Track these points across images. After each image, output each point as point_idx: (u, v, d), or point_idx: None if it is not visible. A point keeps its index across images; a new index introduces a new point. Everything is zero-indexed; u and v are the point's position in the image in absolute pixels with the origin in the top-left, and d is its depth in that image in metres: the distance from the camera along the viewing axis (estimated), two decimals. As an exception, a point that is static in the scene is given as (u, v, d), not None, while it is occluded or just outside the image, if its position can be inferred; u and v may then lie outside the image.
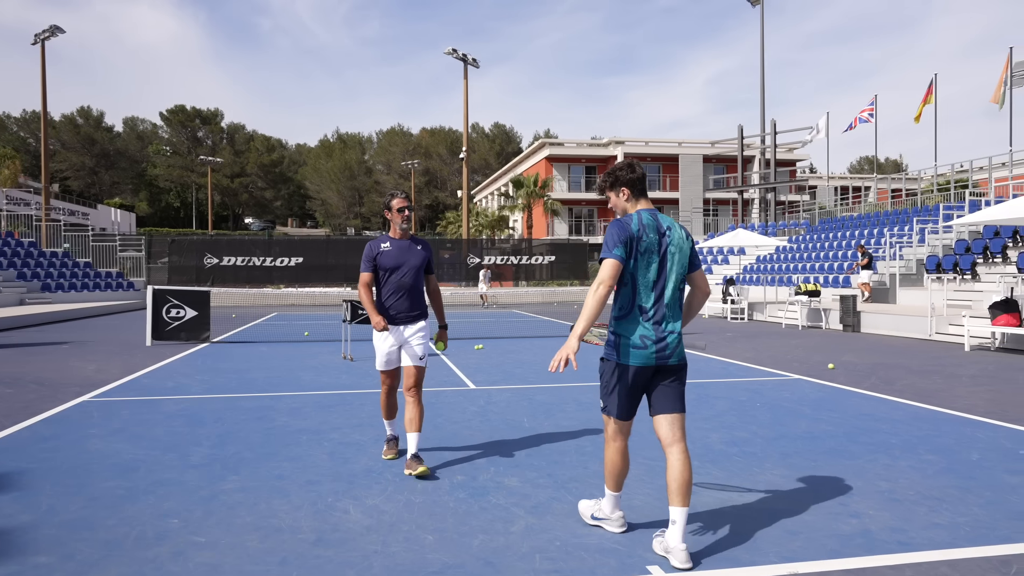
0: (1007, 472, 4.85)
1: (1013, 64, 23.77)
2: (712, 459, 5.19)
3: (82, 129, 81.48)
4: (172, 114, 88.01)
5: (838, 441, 5.76)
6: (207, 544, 3.57)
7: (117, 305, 25.25)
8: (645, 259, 3.41)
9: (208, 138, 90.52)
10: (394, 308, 4.93)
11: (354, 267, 34.04)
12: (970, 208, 21.81)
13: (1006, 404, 7.34)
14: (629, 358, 3.44)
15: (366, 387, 8.52)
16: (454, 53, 36.62)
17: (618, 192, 3.59)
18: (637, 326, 3.44)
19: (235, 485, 4.57)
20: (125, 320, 20.57)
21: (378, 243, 5.02)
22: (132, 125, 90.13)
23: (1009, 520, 3.90)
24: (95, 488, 4.50)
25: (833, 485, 4.56)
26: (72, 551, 3.48)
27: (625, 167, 3.58)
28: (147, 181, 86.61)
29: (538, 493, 4.43)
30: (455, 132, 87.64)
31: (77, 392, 8.07)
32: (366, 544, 3.59)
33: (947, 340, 13.89)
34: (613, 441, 3.62)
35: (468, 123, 39.96)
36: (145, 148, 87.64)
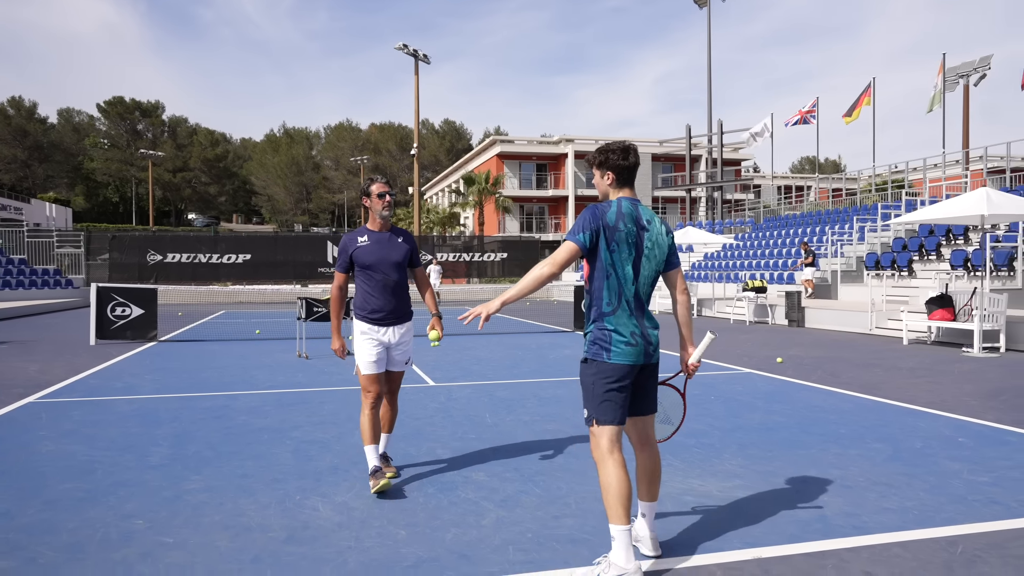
0: (948, 458, 5.10)
1: (946, 70, 24.80)
2: (672, 451, 5.32)
3: (13, 120, 78.14)
4: (110, 106, 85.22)
5: (791, 432, 5.97)
6: (176, 544, 3.53)
7: (55, 303, 24.35)
8: (623, 250, 3.21)
9: (149, 131, 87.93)
10: (377, 309, 4.46)
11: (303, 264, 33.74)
12: (906, 207, 22.70)
13: (944, 395, 7.70)
14: (622, 356, 3.18)
15: (324, 385, 8.45)
16: (405, 48, 36.38)
17: (604, 174, 3.37)
18: (627, 321, 3.20)
19: (199, 485, 4.51)
20: (65, 319, 19.86)
21: (354, 237, 4.51)
22: (67, 117, 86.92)
23: (953, 503, 4.12)
24: (52, 491, 4.38)
25: (789, 474, 4.74)
26: (34, 555, 3.40)
27: (619, 150, 3.34)
28: (84, 175, 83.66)
29: (506, 487, 4.48)
30: (405, 128, 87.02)
31: (21, 393, 7.80)
32: (339, 540, 3.59)
33: (886, 334, 14.44)
34: (611, 455, 3.14)
35: (419, 119, 39.75)
36: (81, 141, 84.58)
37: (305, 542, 3.57)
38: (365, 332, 4.49)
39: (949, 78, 26.17)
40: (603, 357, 3.20)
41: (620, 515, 3.04)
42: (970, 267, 16.54)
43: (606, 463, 3.13)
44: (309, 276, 31.08)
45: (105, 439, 5.73)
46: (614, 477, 3.09)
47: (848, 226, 23.60)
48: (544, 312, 23.01)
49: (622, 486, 3.07)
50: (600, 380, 3.20)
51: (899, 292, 17.14)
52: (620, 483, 3.07)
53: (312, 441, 5.67)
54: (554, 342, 13.52)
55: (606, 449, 3.15)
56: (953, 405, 7.10)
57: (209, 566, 3.27)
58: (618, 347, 3.18)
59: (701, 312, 21.71)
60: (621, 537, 3.03)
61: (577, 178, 49.06)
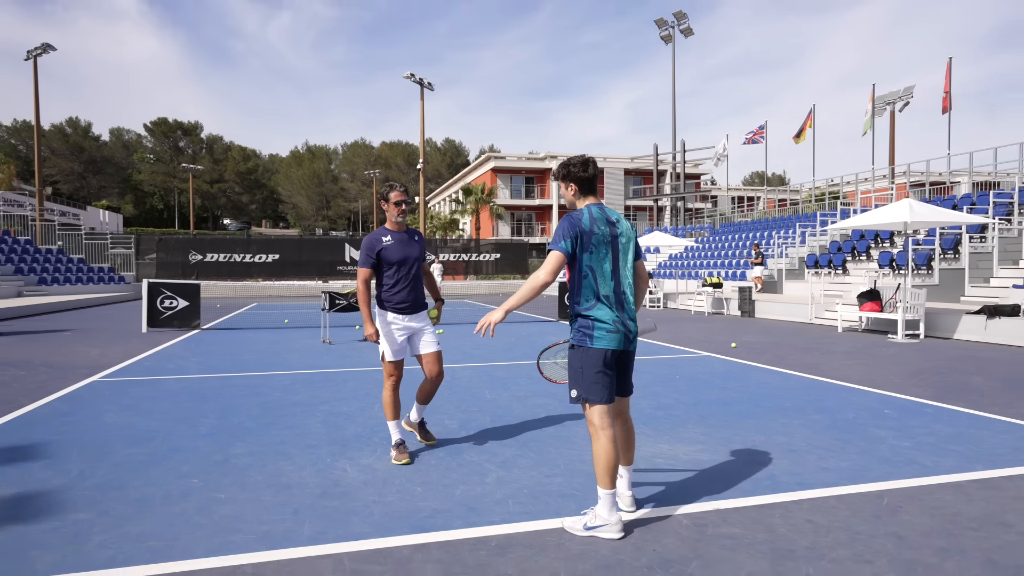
0: (876, 427, 5.21)
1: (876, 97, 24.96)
2: (644, 421, 5.40)
3: (71, 138, 77.44)
4: (155, 126, 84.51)
5: (744, 406, 6.06)
6: (227, 500, 3.59)
7: (109, 297, 24.21)
8: (600, 250, 3.17)
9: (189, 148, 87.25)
10: (403, 300, 4.41)
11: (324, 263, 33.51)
12: (841, 215, 22.86)
13: (872, 374, 7.82)
14: (604, 342, 3.15)
15: (346, 366, 8.50)
16: (412, 77, 36.26)
17: (568, 185, 3.31)
18: (606, 312, 3.17)
19: (243, 450, 4.56)
20: (118, 310, 19.76)
21: (379, 237, 4.42)
22: (118, 135, 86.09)
23: (880, 464, 4.22)
24: (117, 455, 4.42)
25: (743, 440, 4.83)
26: (107, 508, 3.45)
27: (579, 164, 3.28)
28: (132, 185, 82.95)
29: (504, 451, 4.55)
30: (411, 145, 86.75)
31: (86, 373, 7.80)
32: (365, 495, 3.66)
33: (824, 323, 14.58)
34: (602, 431, 3.13)
35: (424, 138, 39.66)
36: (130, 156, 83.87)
37: (337, 497, 3.63)
38: (392, 322, 4.40)
39: (878, 104, 26.34)
40: (587, 343, 3.16)
41: (607, 481, 3.09)
42: (895, 266, 16.71)
43: (598, 437, 3.12)
44: (329, 273, 30.94)
45: (160, 412, 5.77)
46: (604, 450, 3.10)
47: (792, 231, 23.76)
48: (532, 304, 23.07)
49: (610, 458, 3.09)
50: (587, 364, 3.17)
51: (835, 287, 17.31)
52: (609, 455, 3.09)
53: (338, 414, 5.72)
54: (542, 330, 13.59)
55: (598, 425, 3.14)
56: (880, 383, 7.22)
57: (257, 517, 3.33)
58: (600, 333, 3.15)
59: (667, 304, 21.83)
60: (606, 498, 3.09)
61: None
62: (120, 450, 4.54)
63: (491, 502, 3.55)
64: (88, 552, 2.92)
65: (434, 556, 2.89)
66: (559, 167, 3.34)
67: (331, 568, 2.77)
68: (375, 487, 3.80)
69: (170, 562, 2.82)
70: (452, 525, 3.23)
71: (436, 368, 4.54)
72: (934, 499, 3.57)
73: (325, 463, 4.26)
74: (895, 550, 2.93)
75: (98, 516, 3.34)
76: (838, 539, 3.05)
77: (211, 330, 13.39)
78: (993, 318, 10.99)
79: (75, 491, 3.71)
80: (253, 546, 2.98)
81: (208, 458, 4.36)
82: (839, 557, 2.86)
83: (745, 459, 4.33)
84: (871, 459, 4.32)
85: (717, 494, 3.65)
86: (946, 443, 4.70)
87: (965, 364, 8.57)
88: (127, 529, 3.17)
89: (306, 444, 4.72)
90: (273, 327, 14.14)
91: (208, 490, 3.73)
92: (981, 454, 4.42)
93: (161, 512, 3.39)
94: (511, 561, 2.83)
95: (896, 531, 3.14)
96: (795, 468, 4.13)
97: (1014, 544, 3.00)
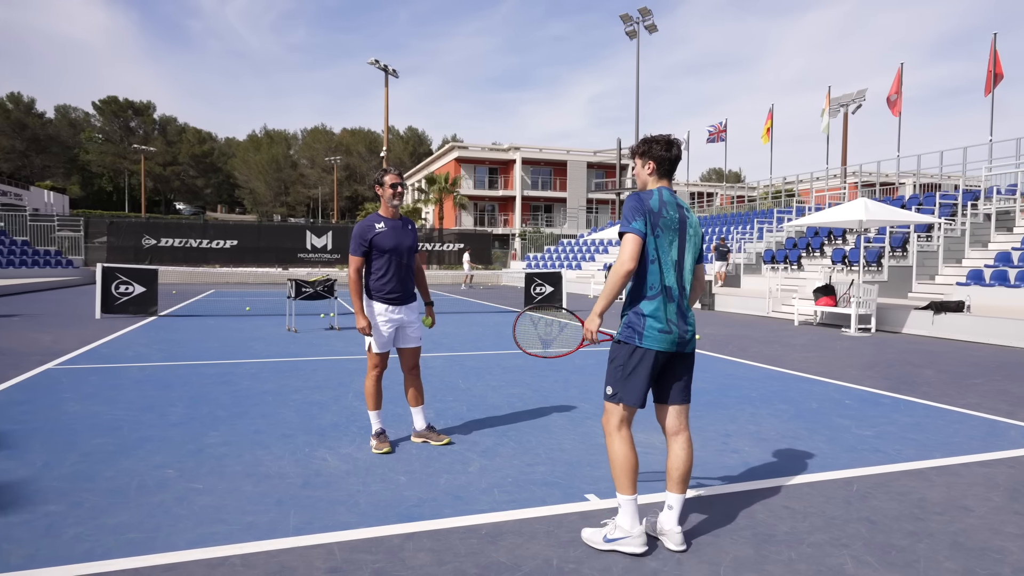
0: (839, 416, 5.40)
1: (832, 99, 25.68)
2: (619, 411, 5.46)
3: (12, 114, 73.61)
4: (105, 104, 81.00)
5: (713, 396, 6.20)
6: (206, 490, 3.50)
7: (57, 281, 23.21)
8: (667, 236, 2.86)
9: (141, 128, 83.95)
10: (393, 291, 4.23)
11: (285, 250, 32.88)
12: (796, 213, 23.52)
13: (830, 366, 8.09)
14: (655, 342, 2.83)
15: (314, 355, 8.35)
16: (376, 63, 35.69)
17: (645, 163, 2.97)
18: (664, 307, 2.84)
19: (218, 440, 4.45)
20: (68, 295, 18.98)
21: (371, 223, 4.22)
22: (64, 112, 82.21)
23: (846, 452, 4.38)
24: (85, 445, 4.26)
25: (715, 429, 4.94)
26: (79, 500, 3.32)
27: (664, 143, 2.95)
28: (79, 166, 79.47)
29: (484, 440, 4.55)
30: (373, 133, 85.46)
31: (40, 360, 7.48)
32: (349, 485, 3.61)
33: (781, 317, 15.00)
34: (619, 432, 2.89)
35: (388, 126, 39.12)
36: (77, 135, 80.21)
37: (320, 487, 3.58)
38: (381, 313, 4.23)
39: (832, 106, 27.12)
40: (635, 341, 2.85)
41: (625, 486, 2.84)
42: (847, 262, 17.29)
43: (612, 438, 2.89)
44: (290, 261, 30.38)
45: (125, 401, 5.57)
46: (620, 452, 2.86)
47: (750, 227, 24.33)
48: (497, 296, 23.09)
49: (628, 460, 2.85)
50: (629, 362, 2.87)
51: (791, 282, 17.81)
52: (626, 458, 2.85)
53: (312, 403, 5.63)
54: (509, 321, 13.61)
55: (615, 426, 2.90)
56: (838, 374, 7.47)
57: (239, 507, 3.26)
58: (651, 333, 2.83)
59: (628, 297, 22.09)
60: (627, 505, 2.82)
61: (524, 180, 49.11)
62: (87, 440, 4.38)
63: (476, 491, 3.55)
64: (63, 545, 2.81)
65: (425, 544, 2.88)
66: (640, 142, 3.01)
67: (322, 557, 2.73)
68: (358, 476, 3.75)
69: (153, 554, 2.73)
70: (440, 514, 3.22)
71: (413, 362, 4.45)
72: (900, 485, 3.72)
73: (304, 452, 4.19)
74: (868, 534, 3.05)
75: (70, 508, 3.21)
76: (815, 524, 3.16)
77: (169, 317, 12.99)
78: (939, 313, 11.49)
79: (43, 482, 3.56)
80: (239, 537, 2.91)
81: (182, 448, 4.24)
82: (817, 541, 2.96)
83: (718, 447, 4.43)
84: (837, 447, 4.48)
85: (695, 482, 3.72)
86: (906, 432, 4.90)
87: (915, 357, 8.94)
88: (103, 521, 3.06)
89: (281, 433, 4.63)
90: (234, 314, 13.79)
91: (185, 480, 3.63)
92: (939, 442, 4.63)
93: (137, 503, 3.29)
94: (503, 549, 2.84)
95: (868, 516, 3.27)
96: (767, 456, 4.25)
97: (976, 527, 3.15)
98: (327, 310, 13.96)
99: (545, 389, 6.33)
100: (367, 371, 4.36)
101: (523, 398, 5.94)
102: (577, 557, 2.78)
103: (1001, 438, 4.77)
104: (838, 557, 2.81)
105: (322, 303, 15.08)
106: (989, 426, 5.13)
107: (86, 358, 7.77)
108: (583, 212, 48.45)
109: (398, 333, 4.37)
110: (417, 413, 4.49)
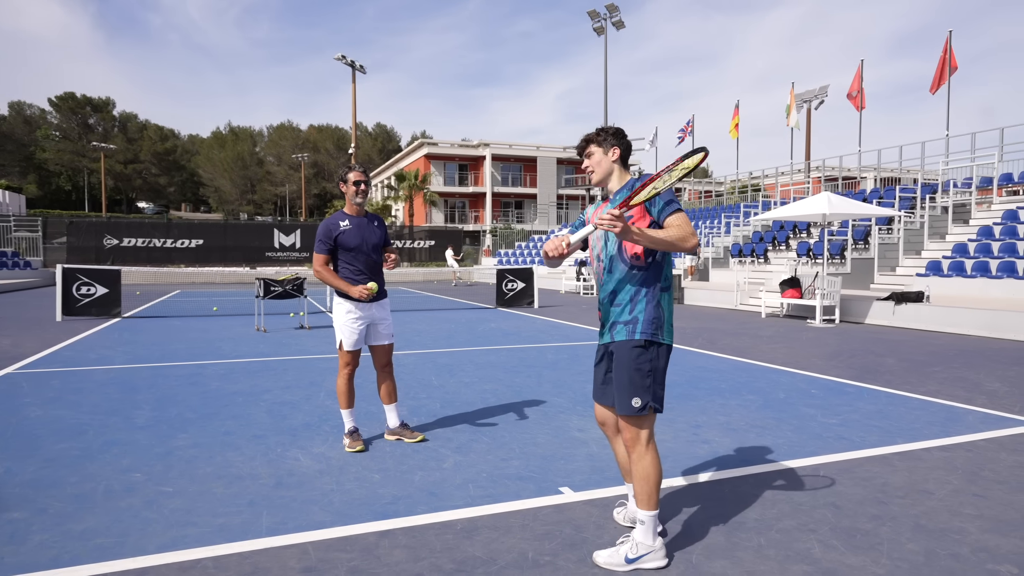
0: (805, 406, 5.53)
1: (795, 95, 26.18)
2: (589, 405, 5.52)
3: (-37, 111, 70.98)
4: (61, 100, 78.55)
5: (683, 388, 6.29)
6: (176, 493, 3.44)
7: (14, 284, 22.48)
8: None
9: (100, 125, 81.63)
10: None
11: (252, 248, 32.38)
12: (763, 207, 23.94)
13: (797, 356, 8.27)
14: (671, 336, 2.72)
15: (284, 355, 8.25)
16: (343, 59, 35.26)
17: (609, 150, 2.81)
18: (671, 301, 2.76)
19: (186, 442, 4.37)
20: (26, 297, 18.40)
21: (336, 221, 4.19)
22: (18, 109, 79.47)
23: (812, 440, 4.49)
24: (48, 450, 4.15)
25: (686, 420, 5.02)
26: (44, 506, 3.24)
27: (620, 130, 2.85)
28: (36, 164, 76.91)
29: (458, 436, 4.56)
30: (341, 129, 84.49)
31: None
32: (322, 484, 3.59)
33: (748, 309, 15.28)
34: (652, 442, 2.68)
35: (356, 122, 38.71)
36: (33, 132, 77.60)
37: (292, 487, 3.54)
38: (351, 311, 4.22)
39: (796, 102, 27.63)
40: (661, 339, 2.66)
41: (653, 502, 2.65)
42: (811, 255, 17.66)
43: (650, 451, 2.66)
44: (258, 260, 29.90)
45: (89, 404, 5.44)
46: (657, 467, 2.66)
47: (717, 221, 24.68)
48: (468, 292, 23.05)
49: (659, 473, 2.67)
50: (659, 363, 2.67)
51: (758, 275, 18.13)
52: (660, 472, 2.68)
53: (283, 403, 5.56)
54: (480, 317, 13.61)
55: (647, 437, 2.66)
56: (804, 364, 7.64)
57: (210, 510, 3.21)
58: (670, 328, 2.70)
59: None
60: (650, 522, 2.64)
61: (494, 177, 49.08)
62: (50, 445, 4.26)
63: (451, 487, 3.56)
64: (28, 552, 2.74)
65: (400, 541, 2.87)
66: (599, 131, 2.84)
67: (296, 557, 2.71)
68: (331, 475, 3.73)
69: (122, 559, 2.68)
70: (415, 511, 3.21)
71: (385, 359, 4.45)
72: (864, 471, 3.83)
73: (276, 453, 4.14)
74: (834, 519, 3.14)
75: (34, 514, 3.13)
76: (783, 511, 3.23)
77: (133, 318, 12.69)
78: (900, 304, 11.82)
79: (4, 489, 3.46)
80: (210, 539, 2.87)
81: (149, 451, 4.16)
82: (785, 527, 3.04)
83: (689, 438, 4.51)
84: (804, 435, 4.59)
85: (667, 472, 3.77)
86: (869, 419, 5.04)
87: (877, 346, 9.19)
88: (69, 527, 2.99)
89: (252, 434, 4.57)
90: (201, 315, 13.53)
91: (153, 484, 3.56)
92: (901, 429, 4.77)
93: (104, 508, 3.22)
94: (478, 543, 2.85)
95: (833, 501, 3.36)
96: (737, 446, 4.33)
97: (937, 509, 3.26)
98: (297, 309, 13.78)
99: (518, 384, 6.35)
100: (339, 370, 4.33)
101: (496, 394, 5.96)
102: (552, 550, 2.80)
103: (959, 423, 4.94)
104: (806, 542, 2.88)
105: (292, 302, 14.88)
106: (948, 412, 5.30)
107: (47, 361, 7.55)
108: (554, 208, 48.60)
109: (369, 331, 4.35)
110: (390, 411, 4.47)
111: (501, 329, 11.31)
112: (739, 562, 2.69)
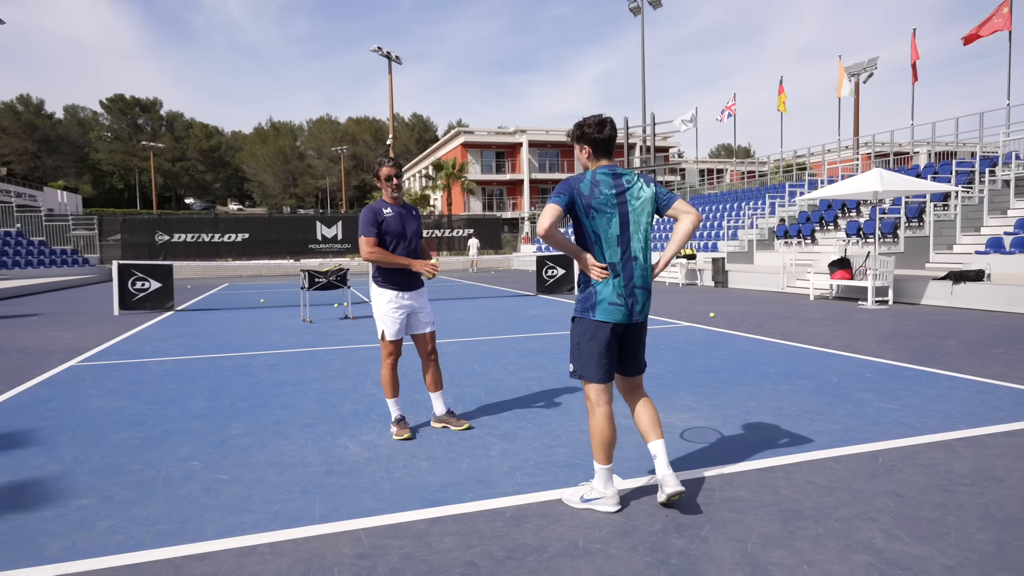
0: (860, 390, 5.35)
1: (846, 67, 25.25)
2: (637, 391, 5.44)
3: (23, 116, 74.24)
4: (112, 102, 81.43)
5: (731, 373, 6.16)
6: (232, 481, 3.53)
7: (74, 280, 23.48)
8: (604, 216, 2.96)
9: (148, 125, 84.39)
10: (404, 276, 4.27)
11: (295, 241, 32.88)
12: (808, 186, 23.24)
13: (849, 339, 8.02)
14: (606, 314, 2.98)
15: (331, 344, 8.40)
16: (379, 51, 35.52)
17: (582, 148, 3.07)
18: (610, 282, 2.99)
19: (240, 431, 4.49)
20: (85, 293, 19.19)
21: (380, 208, 4.23)
22: (73, 112, 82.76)
23: (869, 425, 4.34)
24: (111, 440, 4.31)
25: (734, 407, 4.91)
26: (109, 493, 3.37)
27: (595, 124, 3.02)
28: (90, 165, 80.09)
29: (504, 424, 4.56)
30: (379, 121, 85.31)
31: (63, 358, 7.58)
32: (372, 472, 3.63)
33: (795, 292, 14.89)
34: (597, 407, 3.03)
35: (393, 113, 38.99)
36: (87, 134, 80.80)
37: (343, 475, 3.60)
38: (392, 300, 4.26)
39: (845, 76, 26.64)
40: (589, 315, 3.01)
41: (601, 457, 3.04)
42: (862, 235, 17.08)
43: (593, 413, 3.05)
44: (301, 252, 30.49)
45: (147, 395, 5.64)
46: (597, 427, 3.03)
47: (761, 202, 24.07)
48: (508, 279, 23.07)
49: (604, 434, 3.01)
50: (584, 337, 3.03)
51: (804, 257, 17.64)
52: (603, 432, 3.01)
53: (331, 392, 5.66)
54: (521, 304, 13.61)
55: (593, 402, 3.05)
56: (857, 348, 7.40)
57: (265, 496, 3.28)
58: (602, 306, 2.98)
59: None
60: (602, 473, 3.04)
61: (531, 163, 48.88)
62: (112, 434, 4.43)
63: (499, 474, 3.56)
64: (97, 538, 2.85)
65: (451, 529, 2.89)
66: (574, 127, 3.09)
67: (349, 544, 2.75)
68: (380, 463, 3.77)
69: (183, 544, 2.77)
70: (464, 498, 3.23)
71: (430, 347, 4.47)
72: (925, 457, 3.68)
73: (326, 441, 4.22)
74: (896, 507, 3.02)
75: (101, 501, 3.26)
76: (841, 499, 3.13)
77: (186, 311, 13.10)
78: (959, 283, 11.33)
79: (73, 477, 3.61)
80: (266, 525, 2.94)
81: (205, 440, 4.28)
82: (845, 516, 2.94)
83: (740, 425, 4.41)
84: (860, 421, 4.44)
85: (719, 459, 3.70)
86: (929, 404, 4.85)
87: (935, 328, 8.84)
88: (133, 513, 3.10)
89: (302, 423, 4.66)
90: (249, 307, 13.89)
91: (210, 471, 3.67)
92: (964, 413, 4.57)
93: (165, 495, 3.32)
94: (528, 531, 2.85)
95: (895, 489, 3.24)
96: (789, 432, 4.22)
97: (1007, 498, 3.11)
98: (341, 300, 14.02)
99: (561, 371, 6.32)
100: (382, 359, 4.38)
101: (540, 381, 5.94)
102: (603, 538, 2.78)
103: (1027, 407, 4.71)
104: (867, 531, 2.79)
105: (336, 293, 15.15)
106: (1016, 395, 5.06)
107: (107, 354, 7.86)
108: (592, 193, 48.30)
109: (410, 320, 4.38)
110: (436, 399, 4.50)
111: (542, 316, 11.28)
112: (796, 551, 2.62)
